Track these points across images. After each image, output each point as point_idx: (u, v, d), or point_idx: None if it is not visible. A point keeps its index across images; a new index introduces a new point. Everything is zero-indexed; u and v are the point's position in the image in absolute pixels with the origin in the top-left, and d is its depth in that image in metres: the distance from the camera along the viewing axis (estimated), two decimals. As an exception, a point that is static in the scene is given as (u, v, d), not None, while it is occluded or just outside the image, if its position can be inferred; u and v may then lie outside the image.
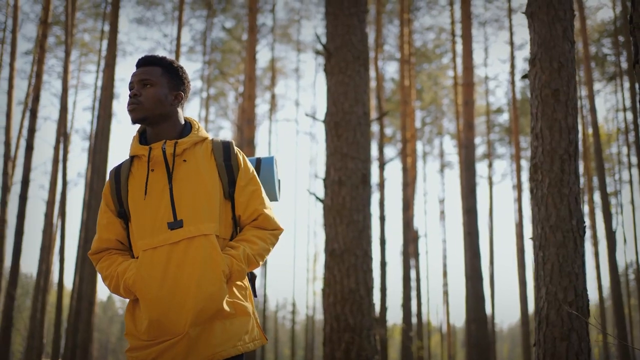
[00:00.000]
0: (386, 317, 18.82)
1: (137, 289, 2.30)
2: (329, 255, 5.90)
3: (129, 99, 2.44)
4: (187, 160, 2.41)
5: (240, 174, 2.46)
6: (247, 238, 2.41)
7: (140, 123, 2.42)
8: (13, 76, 20.42)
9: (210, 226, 2.33)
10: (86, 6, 26.99)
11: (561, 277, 3.51)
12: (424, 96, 28.70)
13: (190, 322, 2.23)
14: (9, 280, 16.73)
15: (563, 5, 3.85)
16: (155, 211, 2.36)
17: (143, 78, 2.44)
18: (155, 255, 2.30)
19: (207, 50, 27.00)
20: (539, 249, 3.64)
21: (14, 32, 20.97)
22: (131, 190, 2.44)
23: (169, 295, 2.26)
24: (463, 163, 15.99)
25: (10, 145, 19.50)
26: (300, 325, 59.66)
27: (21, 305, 38.83)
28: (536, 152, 3.75)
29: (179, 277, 2.27)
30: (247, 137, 16.78)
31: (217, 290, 2.26)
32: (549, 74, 3.75)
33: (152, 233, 2.33)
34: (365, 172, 6.04)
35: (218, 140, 2.51)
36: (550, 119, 3.70)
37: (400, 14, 22.36)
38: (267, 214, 2.47)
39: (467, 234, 15.44)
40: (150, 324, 2.27)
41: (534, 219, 3.73)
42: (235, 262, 2.31)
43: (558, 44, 3.79)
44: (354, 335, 5.62)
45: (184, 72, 2.55)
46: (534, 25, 3.87)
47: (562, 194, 3.62)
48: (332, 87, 6.23)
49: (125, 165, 2.50)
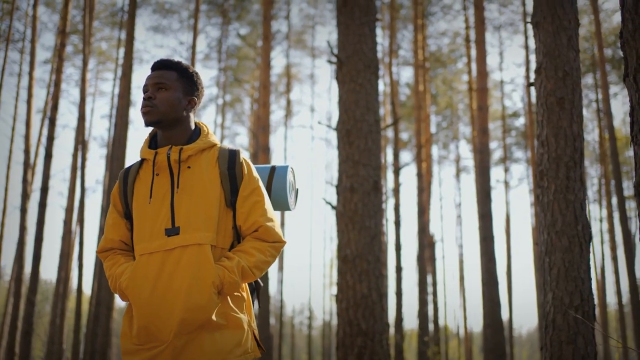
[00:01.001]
0: (402, 322, 18.84)
1: (129, 293, 2.31)
2: (341, 261, 5.99)
3: (143, 102, 2.44)
4: (191, 167, 2.39)
5: (244, 184, 2.42)
6: (245, 249, 2.36)
7: (153, 126, 2.42)
8: (32, 85, 20.76)
9: (205, 235, 2.30)
10: (103, 15, 27.34)
11: (567, 281, 3.58)
12: (439, 101, 28.71)
13: (174, 331, 2.21)
14: (29, 287, 16.97)
15: (568, 15, 3.91)
16: (156, 216, 2.35)
17: (158, 81, 2.44)
18: (150, 260, 2.30)
19: (222, 57, 27.25)
20: (545, 254, 3.71)
21: (32, 41, 21.32)
22: (136, 192, 2.44)
23: (158, 302, 2.24)
24: (478, 168, 15.99)
25: (30, 153, 19.82)
26: (317, 331, 59.68)
27: (41, 311, 39.27)
28: (542, 159, 3.82)
29: (170, 285, 2.25)
30: (262, 144, 16.93)
31: (205, 302, 2.22)
32: (554, 83, 3.82)
33: (150, 238, 2.33)
34: (377, 179, 6.12)
35: (226, 148, 2.48)
36: (555, 126, 3.77)
37: (414, 20, 22.43)
38: (267, 226, 2.41)
39: (482, 238, 15.44)
40: (139, 329, 2.27)
41: (540, 224, 3.80)
42: (227, 273, 2.27)
43: (563, 52, 3.85)
44: (367, 340, 5.70)
45: (198, 77, 2.54)
46: (539, 34, 3.95)
47: (568, 200, 3.68)
48: (343, 95, 6.33)
49: (135, 167, 2.51)
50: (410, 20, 24.78)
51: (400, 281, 18.99)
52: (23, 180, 19.34)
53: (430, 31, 26.19)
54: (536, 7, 3.99)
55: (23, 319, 17.26)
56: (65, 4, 21.45)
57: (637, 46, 1.89)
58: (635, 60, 1.90)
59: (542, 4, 3.95)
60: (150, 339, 2.25)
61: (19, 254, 18.65)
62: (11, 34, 22.97)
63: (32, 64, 21.13)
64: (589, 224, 3.70)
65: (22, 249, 18.50)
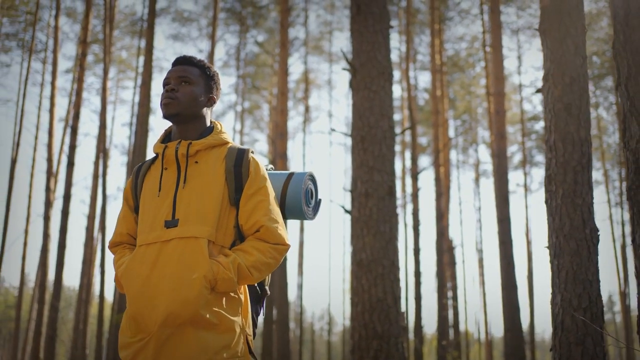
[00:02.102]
0: (422, 327, 18.87)
1: (123, 282, 2.29)
2: (356, 265, 6.09)
3: (164, 93, 2.42)
4: (199, 162, 2.37)
5: (249, 182, 2.37)
6: (244, 248, 2.30)
7: (171, 118, 2.40)
8: (54, 94, 21.13)
9: (202, 229, 2.26)
10: (123, 24, 27.73)
11: (575, 284, 3.64)
12: (458, 105, 28.70)
13: (159, 322, 2.16)
14: (53, 293, 17.24)
15: (574, 22, 3.99)
16: (159, 209, 2.33)
17: (182, 75, 2.44)
18: (147, 251, 2.27)
19: (240, 64, 27.49)
20: (554, 257, 3.78)
21: (54, 51, 21.70)
22: (145, 186, 2.45)
23: (149, 293, 2.20)
24: (496, 172, 15.99)
25: (53, 161, 20.16)
26: (337, 336, 59.63)
27: (65, 317, 39.75)
28: (550, 164, 3.89)
29: (162, 276, 2.21)
30: (280, 151, 17.08)
31: (193, 296, 2.16)
32: (561, 89, 3.89)
33: (150, 229, 2.31)
34: (391, 184, 6.22)
35: (235, 146, 2.45)
36: (563, 132, 3.84)
37: (431, 25, 22.48)
38: (269, 226, 2.33)
39: (501, 242, 15.43)
40: (129, 320, 2.26)
41: (549, 228, 3.87)
42: (221, 269, 2.20)
43: (570, 59, 3.93)
44: (382, 343, 5.78)
45: (218, 78, 2.56)
46: (547, 41, 4.02)
47: (576, 204, 3.75)
48: (357, 102, 6.43)
49: (148, 162, 2.52)
50: (427, 25, 24.84)
51: (419, 286, 19.02)
52: (46, 188, 19.68)
53: (447, 35, 26.24)
54: (543, 15, 4.07)
55: (47, 325, 17.54)
56: (86, 14, 21.81)
57: (627, 57, 1.97)
58: (626, 70, 1.98)
59: (549, 12, 4.03)
60: (137, 331, 2.22)
61: (42, 261, 18.97)
62: (34, 44, 23.39)
63: (54, 73, 21.52)
64: (596, 227, 3.76)
65: (45, 256, 18.81)
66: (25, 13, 24.46)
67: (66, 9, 25.49)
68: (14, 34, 25.06)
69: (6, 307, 54.98)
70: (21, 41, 25.23)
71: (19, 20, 24.71)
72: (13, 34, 25.01)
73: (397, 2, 25.15)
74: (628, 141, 1.97)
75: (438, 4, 23.28)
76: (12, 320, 48.73)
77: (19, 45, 25.28)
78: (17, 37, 25.16)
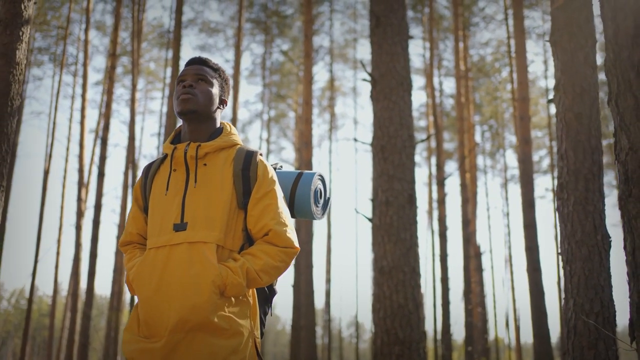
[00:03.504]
0: (450, 334, 18.83)
1: (135, 286, 2.29)
2: (378, 272, 6.21)
3: (181, 89, 2.40)
4: (207, 165, 2.36)
5: (257, 186, 2.35)
6: (252, 252, 2.29)
7: (186, 115, 2.38)
8: (85, 107, 21.59)
9: (211, 234, 2.25)
10: (151, 37, 28.21)
11: (587, 289, 3.73)
12: (484, 110, 28.63)
13: (169, 328, 2.15)
14: (85, 301, 17.59)
15: (584, 33, 4.08)
16: (167, 211, 2.32)
17: (199, 73, 2.44)
18: (157, 255, 2.26)
19: (266, 73, 27.79)
20: (566, 263, 3.87)
21: (85, 64, 22.17)
22: (153, 187, 2.43)
23: (159, 297, 2.21)
24: (521, 178, 15.97)
25: (84, 172, 20.59)
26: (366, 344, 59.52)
27: (97, 325, 40.36)
28: (562, 172, 3.99)
29: (171, 281, 2.20)
30: (305, 159, 17.27)
31: (203, 302, 2.16)
32: (572, 99, 3.99)
33: (160, 232, 2.30)
34: (411, 192, 6.34)
35: (244, 148, 2.43)
36: (574, 140, 3.94)
37: (455, 31, 22.52)
38: (278, 230, 2.31)
39: (527, 248, 15.38)
40: (141, 323, 2.25)
41: (561, 234, 3.97)
42: (230, 274, 2.20)
43: (580, 70, 4.03)
44: (404, 348, 5.89)
45: (229, 82, 2.58)
46: (557, 52, 4.13)
47: (587, 211, 3.84)
48: (378, 112, 6.57)
49: (157, 162, 2.50)
50: (451, 31, 24.87)
51: (447, 292, 19.00)
52: (77, 198, 20.12)
53: (472, 41, 26.23)
54: (554, 27, 4.17)
55: (80, 333, 17.89)
56: (115, 27, 22.26)
57: (617, 74, 2.09)
58: (616, 86, 2.10)
59: (559, 23, 4.14)
60: (151, 334, 2.22)
61: (74, 269, 19.37)
62: (65, 58, 23.95)
63: (84, 86, 21.99)
64: (608, 234, 3.84)
65: (77, 265, 19.22)
66: (57, 27, 25.09)
67: (96, 23, 26.08)
68: (45, 48, 25.72)
69: (40, 316, 55.96)
70: (53, 55, 25.89)
71: (51, 35, 25.36)
72: (45, 48, 25.67)
73: (421, 10, 25.25)
74: (618, 154, 2.08)
75: (462, 10, 23.31)
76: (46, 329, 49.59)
77: (51, 59, 25.95)
78: (49, 51, 25.83)
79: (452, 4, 23.36)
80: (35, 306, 50.99)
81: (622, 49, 2.06)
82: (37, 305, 51.65)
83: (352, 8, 28.21)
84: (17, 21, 3.78)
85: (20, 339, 60.10)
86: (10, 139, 3.68)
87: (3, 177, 3.61)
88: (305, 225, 17.33)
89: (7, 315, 53.60)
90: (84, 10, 24.09)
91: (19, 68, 3.76)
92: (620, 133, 2.10)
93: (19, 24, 3.80)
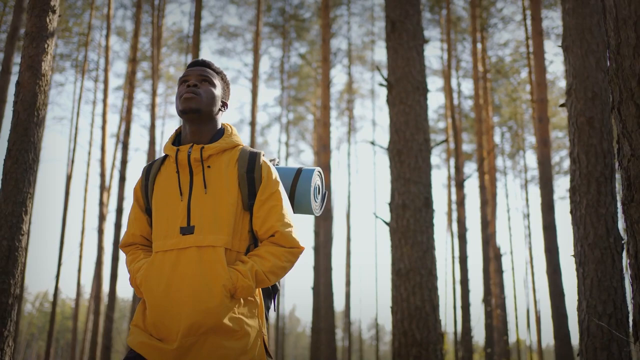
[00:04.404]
0: (472, 336, 18.80)
1: (143, 290, 2.29)
2: (395, 274, 6.28)
3: (185, 88, 2.40)
4: (211, 167, 2.36)
5: (262, 188, 2.37)
6: (260, 254, 2.32)
7: (191, 114, 2.37)
8: (106, 112, 21.89)
9: (219, 238, 2.27)
10: (170, 42, 28.51)
11: (600, 291, 3.78)
12: (503, 112, 28.54)
13: (182, 333, 2.18)
14: (108, 304, 17.81)
15: (596, 39, 4.14)
16: (173, 214, 2.33)
17: (203, 74, 2.45)
18: (164, 258, 2.27)
19: (284, 77, 27.96)
20: (579, 265, 3.92)
21: (106, 70, 22.49)
22: (156, 188, 2.42)
23: (168, 301, 2.22)
24: (541, 179, 15.93)
25: (105, 176, 20.88)
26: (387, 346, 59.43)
27: (119, 328, 40.72)
28: (574, 176, 4.04)
29: (181, 285, 2.22)
30: (324, 163, 17.37)
31: (215, 306, 2.19)
32: (584, 103, 4.05)
33: (166, 236, 2.30)
34: (428, 195, 6.40)
35: (247, 150, 2.44)
36: (586, 144, 3.99)
37: (473, 33, 22.50)
38: (284, 231, 2.34)
39: (546, 250, 15.33)
40: (150, 324, 2.26)
41: (574, 237, 4.02)
42: (240, 277, 2.23)
43: (592, 74, 4.08)
44: (421, 350, 5.96)
45: (230, 86, 2.59)
46: (569, 58, 4.18)
47: (599, 213, 3.89)
48: (394, 116, 6.65)
49: (157, 163, 2.48)
50: (469, 33, 24.85)
51: (466, 294, 18.98)
52: (99, 202, 20.41)
53: (490, 42, 26.16)
54: (565, 32, 4.23)
55: (102, 335, 18.14)
56: (135, 33, 22.53)
57: (619, 83, 2.17)
58: (618, 95, 2.17)
59: (571, 29, 4.19)
60: (161, 337, 2.23)
61: (97, 272, 19.66)
62: (86, 63, 24.29)
63: (105, 91, 22.30)
64: (620, 236, 3.89)
65: (100, 268, 19.49)
66: (78, 34, 25.45)
67: (116, 29, 26.40)
68: (67, 54, 26.10)
69: (63, 318, 56.63)
70: (74, 61, 26.27)
71: (72, 41, 25.73)
72: (67, 55, 26.05)
73: (438, 11, 25.26)
74: (621, 160, 2.15)
75: (480, 12, 23.28)
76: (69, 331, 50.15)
77: (73, 65, 26.33)
78: (71, 58, 26.21)
79: (469, 5, 23.34)
80: (59, 309, 51.58)
81: (625, 58, 2.14)
82: (60, 308, 52.26)
83: (370, 10, 28.31)
84: (43, 34, 3.93)
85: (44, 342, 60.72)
86: (37, 147, 3.82)
87: (30, 184, 3.75)
88: (325, 228, 17.42)
89: (31, 318, 54.32)
90: (105, 16, 24.44)
91: (45, 79, 3.90)
92: (623, 140, 2.17)
93: (44, 37, 3.94)
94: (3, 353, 3.39)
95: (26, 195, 3.68)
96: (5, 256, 3.50)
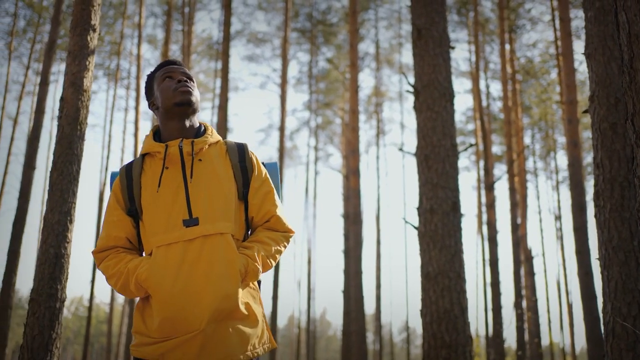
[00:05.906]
0: (503, 339, 18.76)
1: (149, 285, 2.24)
2: (424, 277, 6.39)
3: (180, 83, 2.45)
4: (202, 160, 2.40)
5: (255, 176, 2.46)
6: (260, 239, 2.39)
7: (186, 107, 2.42)
8: (138, 119, 22.31)
9: (226, 225, 2.30)
10: (200, 48, 28.92)
11: (625, 293, 3.86)
12: (533, 113, 28.37)
13: (207, 319, 2.19)
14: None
15: (618, 46, 4.22)
16: (170, 208, 2.32)
17: (187, 74, 2.51)
18: (169, 252, 2.26)
19: (312, 81, 28.16)
20: (604, 268, 4.00)
21: (137, 77, 22.92)
22: (144, 187, 2.40)
23: (182, 292, 2.20)
24: (571, 181, 15.85)
25: (138, 183, 21.22)
26: (419, 349, 59.22)
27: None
28: (598, 181, 4.13)
29: (193, 274, 2.22)
30: (353, 167, 17.50)
31: (234, 290, 2.24)
32: (607, 109, 4.13)
33: (167, 230, 2.29)
34: (455, 199, 6.50)
35: (232, 142, 2.52)
36: (609, 149, 4.08)
37: (501, 34, 22.46)
38: (279, 215, 2.46)
39: (577, 252, 15.25)
40: (162, 322, 2.22)
41: (599, 241, 4.10)
42: (250, 261, 2.29)
43: (614, 81, 4.16)
44: (450, 352, 6.05)
45: None
46: (592, 65, 4.27)
47: (623, 217, 3.97)
48: (421, 122, 6.76)
49: (137, 163, 2.46)
50: (497, 34, 24.78)
51: (497, 297, 18.94)
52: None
53: (519, 44, 26.05)
54: (588, 40, 4.32)
55: (126, 335, 18.47)
56: (166, 41, 22.93)
57: (633, 95, 2.28)
58: (632, 107, 2.29)
59: (593, 36, 4.28)
60: (174, 331, 2.21)
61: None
62: (119, 72, 24.78)
63: (137, 99, 22.72)
64: (644, 239, 3.97)
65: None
66: (110, 43, 25.97)
67: (147, 37, 26.88)
68: (100, 63, 26.65)
69: (98, 322, 57.54)
70: (107, 69, 26.81)
71: (105, 50, 26.27)
72: (99, 63, 26.60)
73: (466, 13, 25.25)
74: (635, 169, 2.27)
75: (507, 13, 23.21)
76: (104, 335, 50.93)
77: (105, 73, 26.87)
78: (103, 66, 26.76)
79: (497, 7, 23.30)
80: (94, 313, 52.47)
81: (637, 72, 2.25)
82: (95, 312, 53.14)
83: (397, 13, 28.38)
84: (84, 52, 4.15)
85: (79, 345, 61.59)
86: (80, 159, 4.04)
87: (74, 194, 3.97)
88: (354, 231, 17.53)
89: (66, 323, 55.30)
90: (136, 25, 24.91)
91: (87, 95, 4.12)
92: (637, 150, 2.28)
93: (86, 55, 4.16)
94: (52, 354, 3.59)
95: (71, 205, 3.90)
96: (53, 263, 3.71)
